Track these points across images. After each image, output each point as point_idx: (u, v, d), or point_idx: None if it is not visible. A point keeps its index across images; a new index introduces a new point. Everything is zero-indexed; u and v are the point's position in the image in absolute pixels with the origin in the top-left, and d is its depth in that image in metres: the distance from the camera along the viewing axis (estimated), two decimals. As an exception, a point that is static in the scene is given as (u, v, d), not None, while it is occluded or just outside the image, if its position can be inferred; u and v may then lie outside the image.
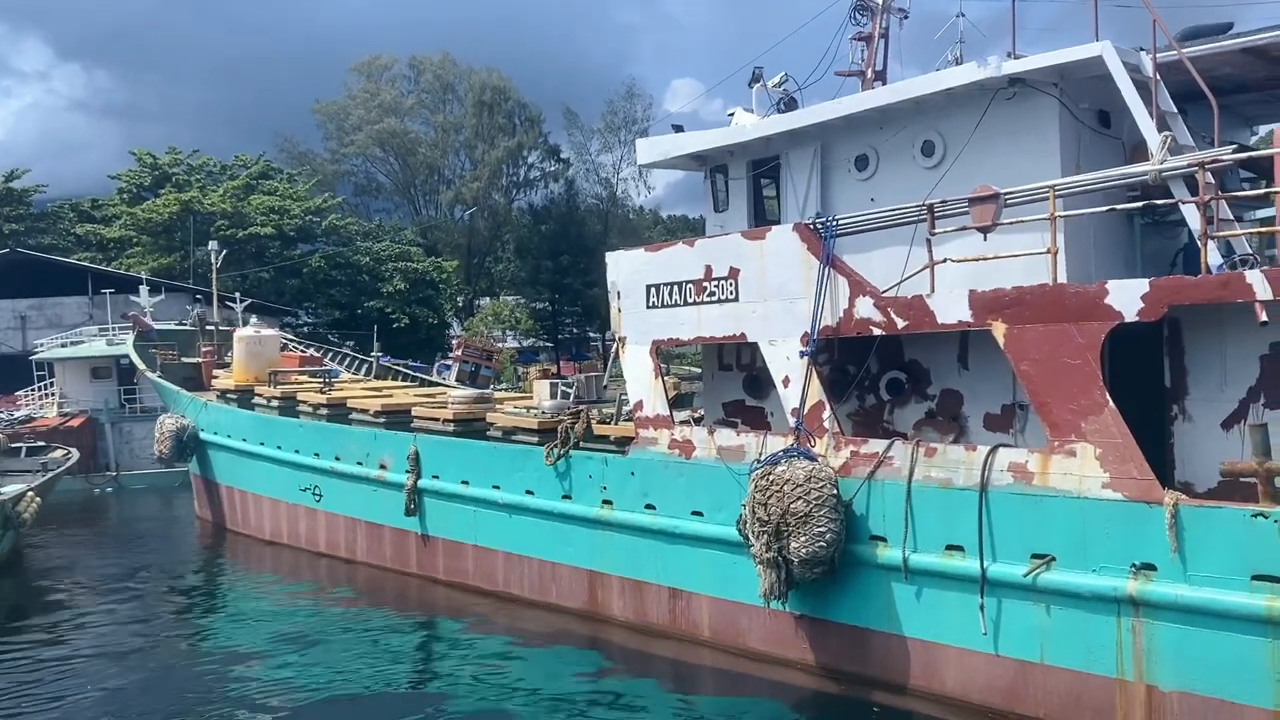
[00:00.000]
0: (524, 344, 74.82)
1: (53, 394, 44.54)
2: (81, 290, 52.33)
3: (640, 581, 15.71)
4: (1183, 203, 11.27)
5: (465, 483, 18.56)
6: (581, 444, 16.82)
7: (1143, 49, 12.19)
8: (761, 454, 13.62)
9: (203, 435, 27.41)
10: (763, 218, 16.33)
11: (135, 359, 33.42)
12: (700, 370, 21.47)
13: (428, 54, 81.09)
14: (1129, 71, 11.91)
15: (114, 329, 44.41)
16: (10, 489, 24.57)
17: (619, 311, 16.21)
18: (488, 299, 78.88)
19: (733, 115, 16.74)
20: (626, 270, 16.10)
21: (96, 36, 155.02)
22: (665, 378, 16.14)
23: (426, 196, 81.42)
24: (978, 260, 12.14)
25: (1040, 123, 12.88)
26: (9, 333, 52.38)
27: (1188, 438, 11.45)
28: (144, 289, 40.13)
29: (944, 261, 12.29)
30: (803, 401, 13.48)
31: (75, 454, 31.73)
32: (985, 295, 11.77)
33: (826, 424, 13.33)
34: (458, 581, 19.07)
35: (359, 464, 21.21)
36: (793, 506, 12.38)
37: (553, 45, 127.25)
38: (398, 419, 21.32)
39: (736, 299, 14.36)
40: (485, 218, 78.95)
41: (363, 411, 22.12)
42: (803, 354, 13.47)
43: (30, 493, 24.38)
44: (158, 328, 35.58)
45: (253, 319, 34.43)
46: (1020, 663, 11.47)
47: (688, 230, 78.89)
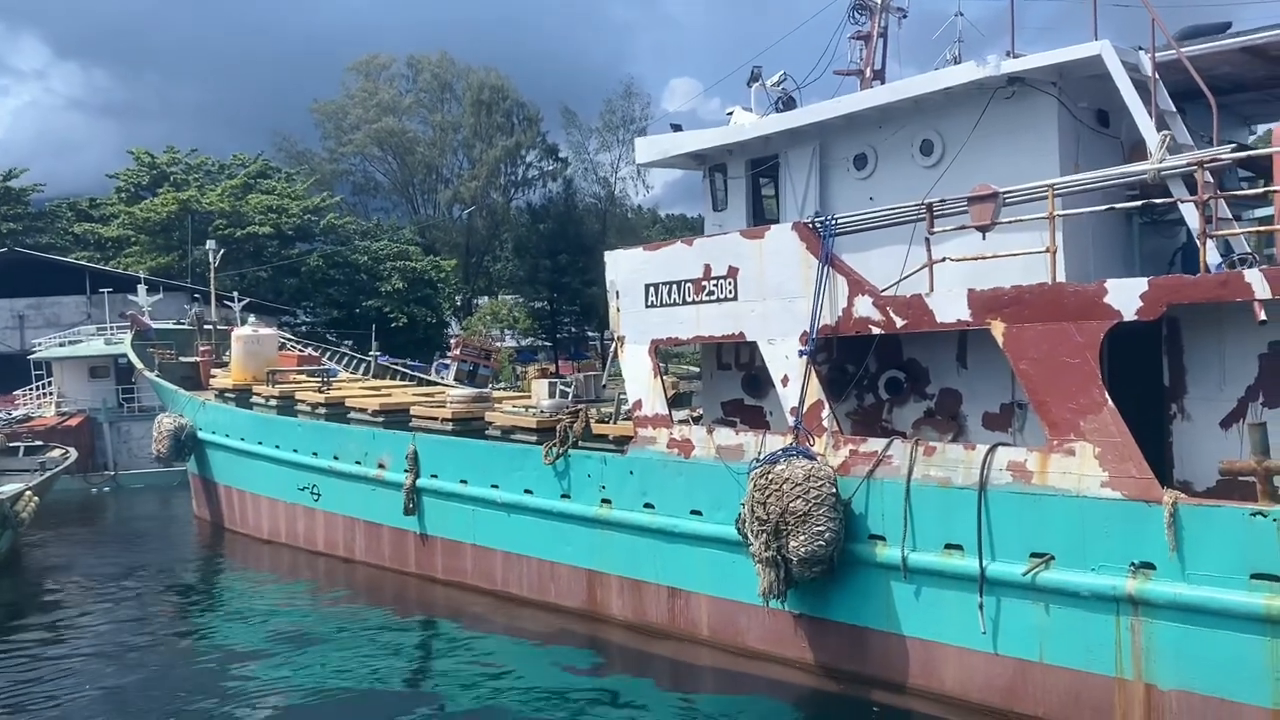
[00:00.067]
0: (522, 343, 74.85)
1: (51, 393, 44.45)
2: (79, 289, 52.31)
3: (639, 581, 15.70)
4: (1181, 202, 11.26)
5: (464, 482, 18.55)
6: (580, 443, 16.82)
7: (1141, 48, 12.20)
8: (760, 453, 13.61)
9: (201, 434, 27.40)
10: (761, 217, 16.32)
11: (133, 358, 33.43)
12: (699, 369, 21.46)
13: (426, 53, 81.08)
14: (1128, 71, 11.92)
15: (112, 328, 44.33)
16: (8, 488, 24.53)
17: (617, 311, 16.20)
18: (486, 298, 78.95)
19: (731, 114, 16.73)
20: (625, 269, 16.09)
21: (94, 35, 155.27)
22: (664, 377, 16.13)
23: (425, 196, 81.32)
24: (976, 259, 12.14)
25: (1039, 122, 12.88)
26: (7, 332, 52.34)
27: (1186, 437, 11.46)
28: (142, 288, 40.16)
29: (943, 260, 12.28)
30: (802, 400, 13.48)
31: (73, 453, 31.67)
32: (984, 294, 11.77)
33: (825, 423, 13.33)
34: (456, 581, 19.06)
35: (357, 463, 21.20)
36: (792, 505, 12.38)
37: (551, 44, 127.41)
38: (396, 418, 21.29)
39: (735, 298, 14.36)
40: (483, 217, 78.86)
41: (361, 411, 22.09)
42: (801, 353, 13.48)
43: (28, 492, 24.32)
44: (156, 327, 35.60)
45: (251, 318, 34.45)
46: (1019, 661, 11.47)
47: (686, 229, 78.77)
